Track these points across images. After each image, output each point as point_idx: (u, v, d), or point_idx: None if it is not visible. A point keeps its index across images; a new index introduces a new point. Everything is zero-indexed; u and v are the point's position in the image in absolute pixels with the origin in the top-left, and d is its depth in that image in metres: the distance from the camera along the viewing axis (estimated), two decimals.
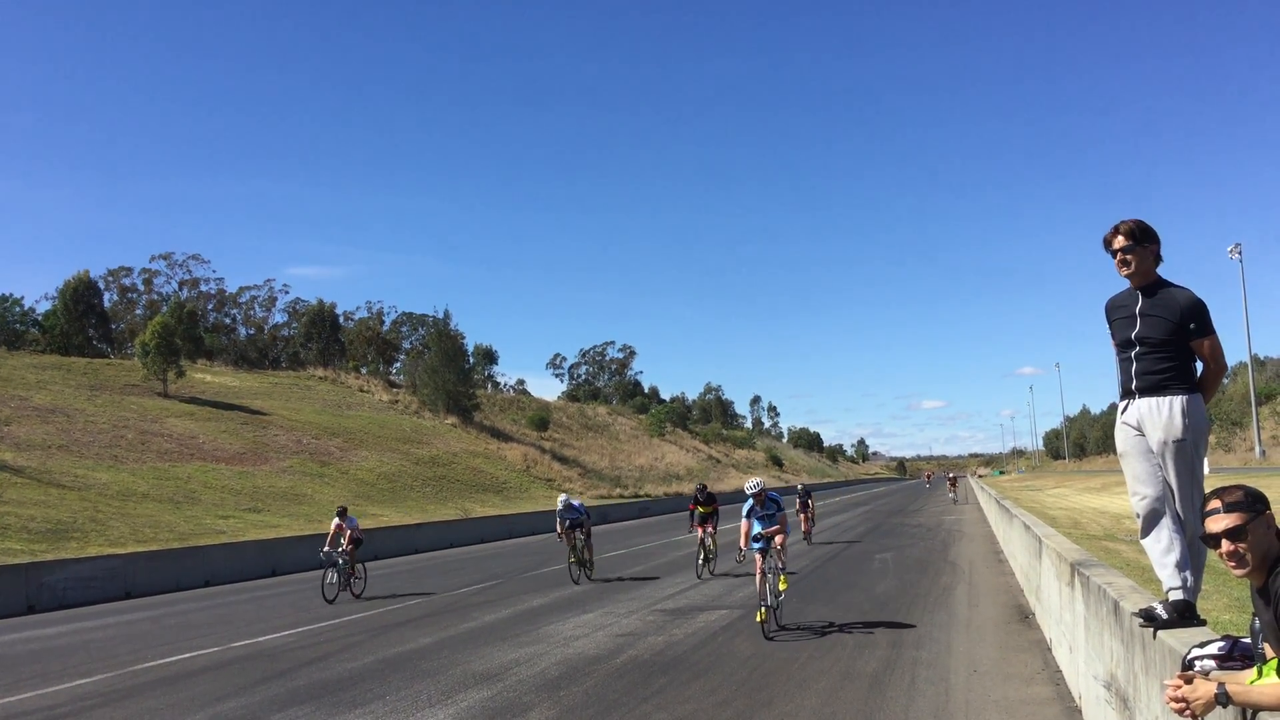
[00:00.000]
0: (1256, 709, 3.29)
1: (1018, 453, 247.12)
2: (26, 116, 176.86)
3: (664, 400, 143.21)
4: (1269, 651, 3.47)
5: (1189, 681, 3.49)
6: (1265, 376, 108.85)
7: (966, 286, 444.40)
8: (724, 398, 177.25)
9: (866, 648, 12.01)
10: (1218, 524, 3.48)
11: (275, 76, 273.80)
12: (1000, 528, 27.69)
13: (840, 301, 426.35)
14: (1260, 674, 3.46)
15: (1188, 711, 3.44)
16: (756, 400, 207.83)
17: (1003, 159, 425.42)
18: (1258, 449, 69.98)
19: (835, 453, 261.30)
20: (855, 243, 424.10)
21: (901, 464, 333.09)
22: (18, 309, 72.01)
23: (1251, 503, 3.47)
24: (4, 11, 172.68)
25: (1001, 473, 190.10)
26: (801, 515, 29.07)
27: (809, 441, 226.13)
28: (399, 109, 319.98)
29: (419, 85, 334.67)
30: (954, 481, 70.85)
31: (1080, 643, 8.22)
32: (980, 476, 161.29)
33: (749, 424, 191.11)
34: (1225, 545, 3.45)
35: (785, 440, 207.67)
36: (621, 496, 71.81)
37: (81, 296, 71.33)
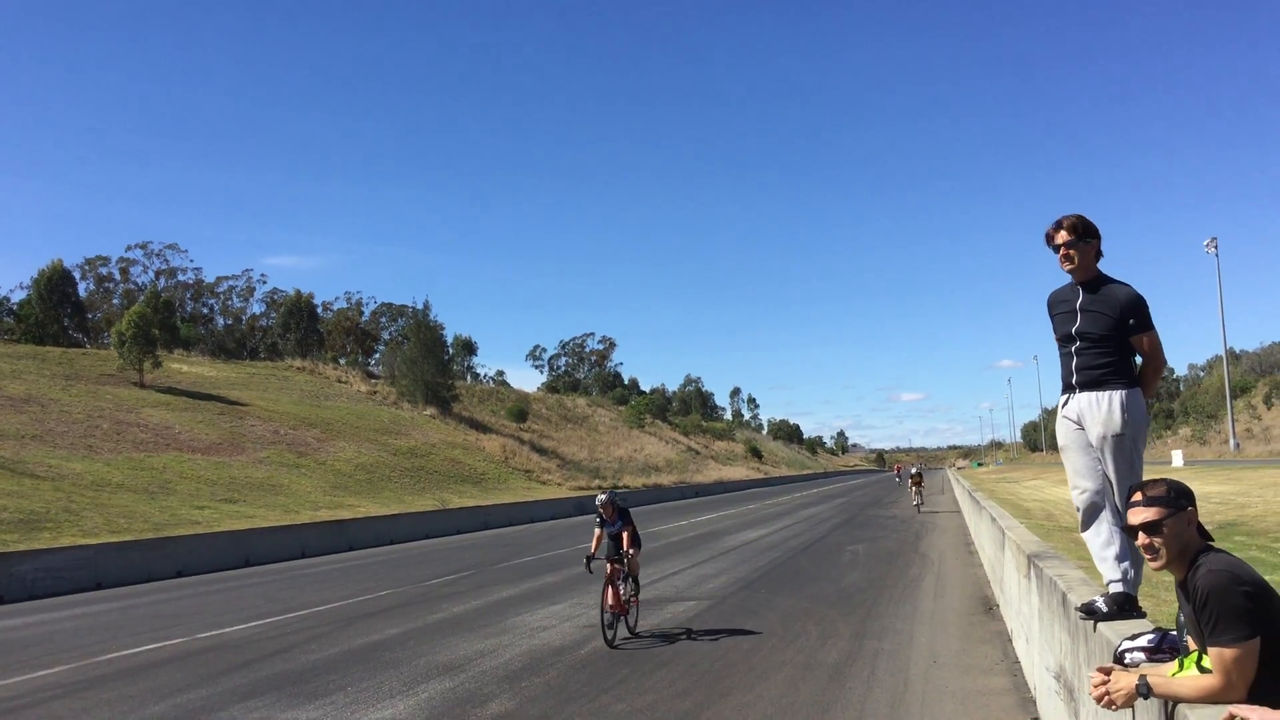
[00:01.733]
0: (1176, 700, 3.34)
1: (996, 445, 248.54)
2: (1, 104, 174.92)
3: (644, 392, 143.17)
4: (1192, 644, 3.51)
5: (1108, 673, 3.56)
6: (1240, 370, 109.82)
7: (946, 279, 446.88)
8: (704, 389, 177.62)
9: (830, 639, 12.07)
10: (1136, 516, 3.53)
11: (255, 66, 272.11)
12: (972, 519, 27.85)
13: (821, 294, 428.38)
14: (1181, 666, 3.51)
15: (1107, 701, 3.51)
16: (736, 392, 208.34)
17: (982, 154, 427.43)
18: (1232, 441, 70.52)
19: (815, 444, 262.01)
20: (836, 236, 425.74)
21: (881, 456, 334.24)
22: None
23: (1174, 498, 3.52)
24: None
25: (980, 465, 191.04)
26: None
27: (788, 433, 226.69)
28: (379, 100, 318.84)
29: (399, 77, 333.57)
30: (918, 480, 45.07)
31: (1035, 634, 8.30)
32: (959, 469, 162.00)
33: (729, 416, 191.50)
34: (1141, 538, 3.50)
35: (765, 432, 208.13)
36: (600, 488, 71.80)
37: (56, 286, 70.76)
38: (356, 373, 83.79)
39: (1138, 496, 3.58)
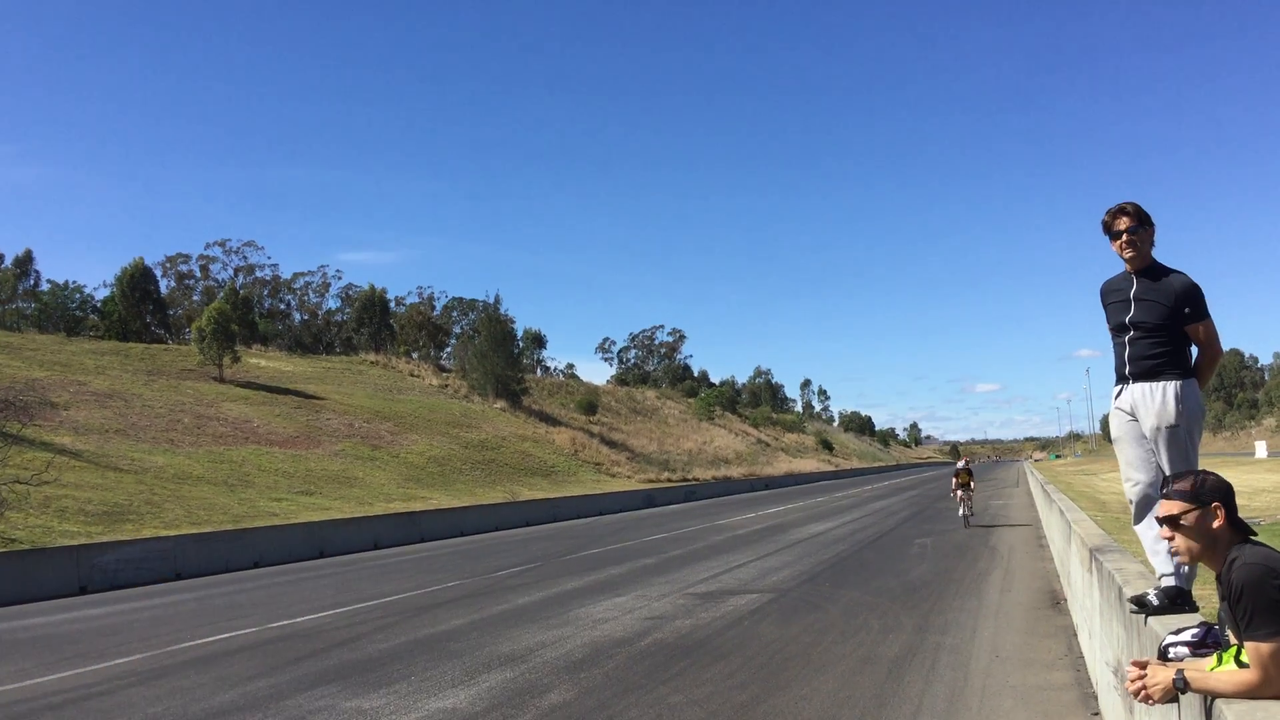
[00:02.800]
0: (1213, 695, 3.31)
1: (1074, 436, 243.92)
2: (86, 106, 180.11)
3: (713, 384, 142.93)
4: (1233, 638, 3.47)
5: (1144, 666, 3.53)
6: None
7: (1021, 267, 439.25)
8: (774, 381, 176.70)
9: (891, 632, 11.99)
10: (1160, 510, 3.52)
11: (327, 65, 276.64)
12: (1044, 513, 27.43)
13: (893, 284, 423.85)
14: (1220, 661, 3.47)
15: (1144, 695, 3.48)
16: (807, 384, 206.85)
17: (1056, 140, 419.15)
18: None
19: (887, 436, 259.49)
20: (907, 224, 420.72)
21: (955, 448, 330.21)
22: (77, 296, 73.59)
23: (1196, 493, 3.50)
24: (59, 4, 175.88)
25: (1057, 456, 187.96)
26: None
27: (860, 425, 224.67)
28: (450, 97, 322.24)
29: (468, 73, 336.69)
30: (965, 479, 30.32)
31: (1097, 628, 8.18)
32: (1035, 461, 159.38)
33: (799, 407, 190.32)
34: (1164, 531, 3.49)
35: (836, 424, 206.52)
36: (670, 480, 71.94)
37: (138, 283, 72.64)
38: (428, 366, 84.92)
39: (1165, 489, 3.58)
